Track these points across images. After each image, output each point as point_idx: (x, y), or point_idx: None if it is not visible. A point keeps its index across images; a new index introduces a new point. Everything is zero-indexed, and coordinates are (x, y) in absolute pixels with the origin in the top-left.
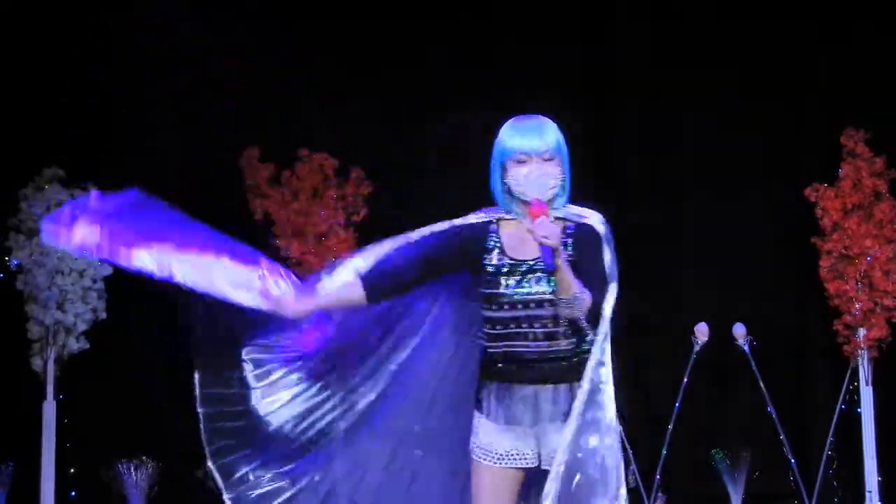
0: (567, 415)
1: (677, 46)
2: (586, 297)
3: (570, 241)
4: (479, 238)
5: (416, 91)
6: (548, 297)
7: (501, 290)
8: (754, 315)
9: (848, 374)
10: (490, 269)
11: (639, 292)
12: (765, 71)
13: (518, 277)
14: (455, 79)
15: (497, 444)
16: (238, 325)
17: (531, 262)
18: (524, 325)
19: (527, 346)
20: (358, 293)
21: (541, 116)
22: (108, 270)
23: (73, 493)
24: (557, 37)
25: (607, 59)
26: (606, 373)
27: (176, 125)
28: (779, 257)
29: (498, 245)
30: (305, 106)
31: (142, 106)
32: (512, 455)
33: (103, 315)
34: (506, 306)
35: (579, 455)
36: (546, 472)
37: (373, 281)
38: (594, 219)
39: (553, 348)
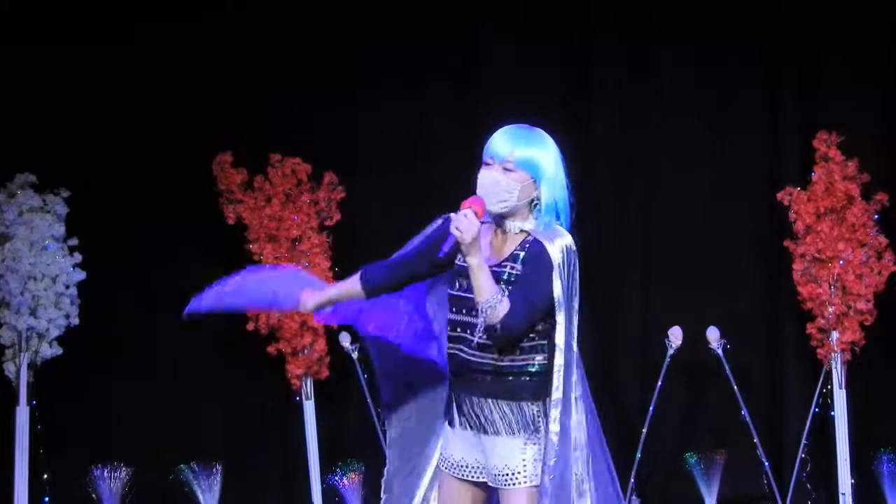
0: (512, 430)
1: (649, 49)
2: (500, 306)
3: (521, 254)
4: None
5: (393, 94)
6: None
7: (454, 292)
8: (728, 318)
9: (821, 378)
10: (455, 268)
11: (612, 295)
12: (736, 73)
13: (468, 280)
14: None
15: (452, 451)
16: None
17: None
18: (467, 331)
19: (463, 352)
20: (356, 287)
21: (535, 129)
22: (81, 276)
23: (47, 500)
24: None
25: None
26: (566, 408)
27: (148, 130)
28: (752, 261)
29: None
30: (278, 111)
31: (114, 111)
32: (461, 465)
33: (76, 321)
34: (453, 309)
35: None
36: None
37: (369, 276)
38: (556, 242)
39: (484, 360)
